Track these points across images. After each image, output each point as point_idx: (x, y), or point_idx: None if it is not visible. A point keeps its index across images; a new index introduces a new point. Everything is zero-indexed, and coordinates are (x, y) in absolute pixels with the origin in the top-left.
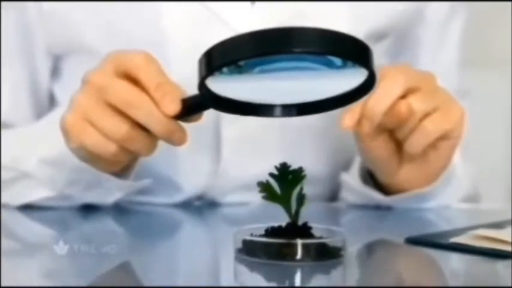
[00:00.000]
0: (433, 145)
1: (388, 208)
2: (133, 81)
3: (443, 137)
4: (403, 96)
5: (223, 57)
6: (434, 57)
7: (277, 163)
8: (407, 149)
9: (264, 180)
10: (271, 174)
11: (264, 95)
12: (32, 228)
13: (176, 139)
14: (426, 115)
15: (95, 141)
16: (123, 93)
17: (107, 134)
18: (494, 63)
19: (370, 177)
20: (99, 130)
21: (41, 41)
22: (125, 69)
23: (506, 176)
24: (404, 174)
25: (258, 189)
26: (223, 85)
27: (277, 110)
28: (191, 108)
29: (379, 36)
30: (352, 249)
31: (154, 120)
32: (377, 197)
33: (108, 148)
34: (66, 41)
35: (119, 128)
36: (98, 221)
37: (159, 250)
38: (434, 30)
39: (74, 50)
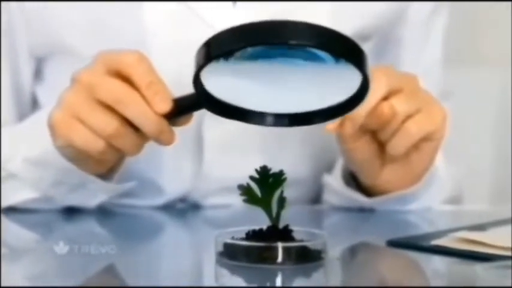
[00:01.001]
0: (416, 147)
1: (370, 210)
2: (125, 80)
3: (426, 139)
4: (386, 98)
5: (219, 46)
6: (417, 58)
7: (259, 165)
8: (390, 150)
9: (246, 183)
10: (252, 178)
11: (256, 101)
12: (14, 232)
13: (164, 138)
14: (409, 116)
15: (82, 137)
16: (114, 90)
17: (95, 130)
18: (481, 63)
19: (352, 179)
20: (87, 126)
21: (23, 43)
22: (116, 68)
23: (491, 176)
24: (387, 176)
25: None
26: (216, 84)
27: (268, 119)
28: (182, 108)
29: (362, 37)
30: (334, 252)
31: (145, 118)
32: (359, 198)
33: (96, 145)
34: (49, 42)
35: (108, 124)
36: (80, 224)
37: (141, 253)
38: (416, 31)
39: (56, 52)
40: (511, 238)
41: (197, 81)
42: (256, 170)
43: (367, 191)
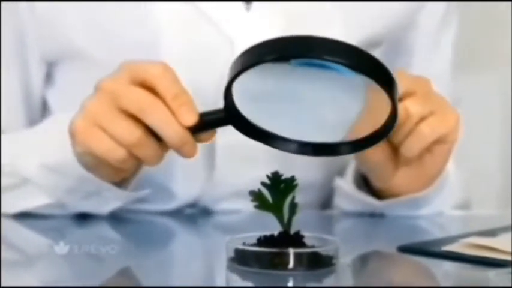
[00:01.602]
0: (429, 149)
1: (381, 216)
2: (149, 90)
3: (439, 141)
4: (400, 100)
5: (253, 57)
6: (427, 66)
7: (270, 171)
8: (404, 152)
9: (257, 188)
10: (263, 183)
11: (282, 124)
12: (27, 237)
13: (187, 151)
14: (422, 119)
15: (104, 145)
16: (139, 99)
17: (117, 138)
18: (488, 66)
19: (364, 183)
20: (109, 135)
21: (34, 47)
22: (141, 78)
23: (499, 181)
24: (400, 179)
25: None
26: (246, 102)
27: (292, 146)
28: (207, 122)
29: (373, 44)
30: (345, 257)
31: (169, 128)
32: (371, 202)
33: (117, 153)
34: (60, 46)
35: (131, 133)
36: (91, 228)
37: (152, 258)
38: (426, 39)
39: (67, 56)
40: None
41: (228, 93)
42: (267, 176)
43: (378, 196)
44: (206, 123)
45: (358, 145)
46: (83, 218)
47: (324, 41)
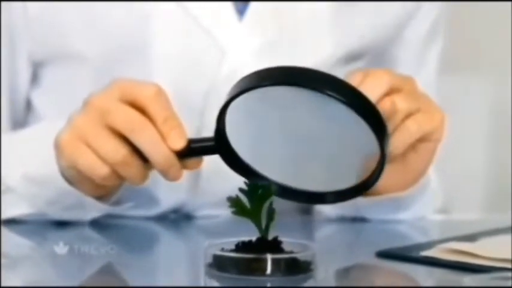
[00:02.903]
0: (413, 147)
1: (362, 221)
2: (139, 110)
3: (424, 139)
4: (386, 95)
5: (248, 83)
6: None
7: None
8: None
9: (235, 195)
10: (241, 190)
11: (271, 165)
12: (9, 241)
13: (172, 174)
14: (409, 115)
15: (88, 161)
16: (129, 118)
17: (102, 155)
18: (474, 70)
19: None
20: (94, 151)
21: (24, 47)
22: (133, 97)
23: (484, 185)
24: (383, 178)
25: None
26: (238, 136)
27: (279, 190)
28: (195, 149)
29: (357, 56)
30: (323, 263)
31: (157, 151)
32: (353, 201)
33: (101, 170)
34: (51, 47)
35: (117, 151)
36: (74, 233)
37: (132, 262)
38: (411, 52)
39: (57, 56)
40: (501, 248)
41: (220, 120)
42: (245, 182)
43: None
44: (194, 150)
45: (343, 195)
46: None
47: (321, 74)
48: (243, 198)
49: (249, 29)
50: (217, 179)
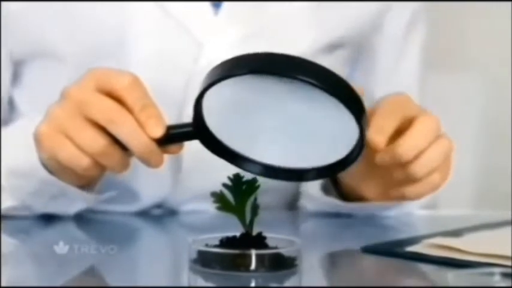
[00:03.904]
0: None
1: (348, 216)
2: (116, 100)
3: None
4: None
5: (225, 70)
6: (392, 70)
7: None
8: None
9: (219, 190)
10: (225, 185)
11: (251, 146)
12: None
13: (153, 162)
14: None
15: (68, 153)
16: (107, 109)
17: (82, 147)
18: (463, 68)
19: (332, 184)
20: (74, 143)
21: (6, 46)
22: (109, 87)
23: (474, 181)
24: (372, 186)
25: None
26: (215, 117)
27: (257, 168)
28: (174, 135)
29: (337, 45)
30: (308, 258)
31: (136, 140)
32: (339, 204)
33: (81, 162)
34: (31, 46)
35: (96, 142)
36: (57, 229)
37: (115, 259)
38: (392, 43)
39: (38, 54)
40: (486, 244)
41: (198, 107)
42: (229, 178)
43: (345, 193)
44: (173, 136)
45: (323, 172)
46: (49, 217)
47: (295, 59)
48: (227, 194)
49: (225, 22)
50: (199, 173)
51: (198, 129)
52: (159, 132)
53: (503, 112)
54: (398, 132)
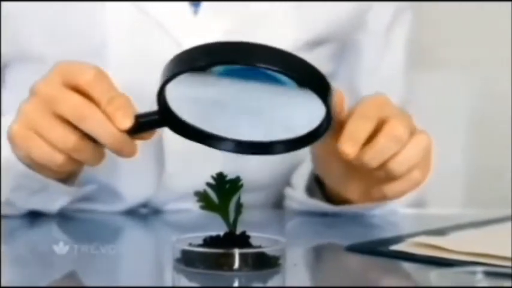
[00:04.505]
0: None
1: (334, 215)
2: (83, 94)
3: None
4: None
5: (186, 62)
6: (377, 65)
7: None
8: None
9: (203, 189)
10: (208, 184)
11: (218, 122)
12: None
13: (126, 152)
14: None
15: (41, 151)
16: (74, 105)
17: (54, 144)
18: (452, 65)
19: (317, 185)
20: (46, 141)
21: None
22: (74, 82)
23: (463, 179)
24: (357, 187)
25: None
26: (180, 103)
27: (228, 144)
28: (143, 124)
29: (319, 42)
30: (293, 257)
31: (106, 134)
32: (324, 206)
33: (55, 159)
34: (16, 48)
35: (67, 138)
36: (41, 228)
37: (98, 258)
38: (376, 38)
39: (21, 58)
40: (470, 243)
41: (161, 96)
42: (212, 177)
43: (329, 195)
44: (142, 125)
45: (290, 145)
46: (34, 218)
47: (254, 47)
48: (211, 193)
49: (204, 22)
50: (182, 173)
51: (163, 116)
52: (127, 123)
53: (492, 111)
54: (374, 135)
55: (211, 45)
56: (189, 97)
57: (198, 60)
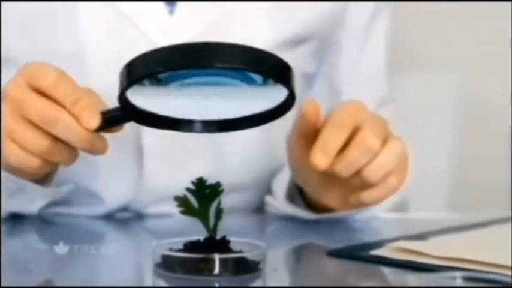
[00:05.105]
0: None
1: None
2: (48, 96)
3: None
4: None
5: (144, 68)
6: (357, 63)
7: (201, 173)
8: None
9: (183, 194)
10: (188, 189)
11: (184, 109)
12: None
13: (97, 150)
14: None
15: (16, 156)
16: (41, 109)
17: (28, 149)
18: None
19: (298, 193)
20: (19, 145)
21: None
22: (38, 85)
23: (448, 183)
24: (336, 196)
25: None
26: (143, 98)
27: (197, 126)
28: (111, 120)
29: (299, 40)
30: (273, 262)
31: (75, 135)
32: (302, 214)
33: (31, 163)
34: None
35: (39, 142)
36: (20, 233)
37: (78, 263)
38: (355, 36)
39: (3, 62)
40: (450, 247)
41: (122, 99)
42: (192, 182)
43: (310, 203)
44: (109, 121)
45: (254, 121)
46: (13, 222)
47: (209, 47)
48: (191, 198)
49: (180, 22)
50: (161, 173)
51: (126, 112)
52: (94, 123)
53: (476, 116)
54: (349, 143)
55: (164, 50)
56: (150, 97)
57: (151, 68)
